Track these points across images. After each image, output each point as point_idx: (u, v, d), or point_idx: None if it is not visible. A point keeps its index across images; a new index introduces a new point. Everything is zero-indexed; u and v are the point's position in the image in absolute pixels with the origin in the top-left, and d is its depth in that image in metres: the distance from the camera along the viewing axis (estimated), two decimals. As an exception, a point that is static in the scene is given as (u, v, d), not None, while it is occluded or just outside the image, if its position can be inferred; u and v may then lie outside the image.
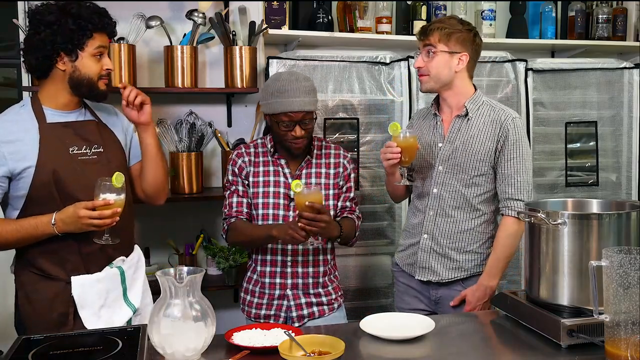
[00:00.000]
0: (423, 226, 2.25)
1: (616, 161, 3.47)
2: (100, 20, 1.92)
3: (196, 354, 1.48)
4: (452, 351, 1.63)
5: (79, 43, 1.88)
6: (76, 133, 1.95)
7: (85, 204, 1.79)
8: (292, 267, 2.22)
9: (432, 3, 3.27)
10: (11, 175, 1.87)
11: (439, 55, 2.14)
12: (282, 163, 2.25)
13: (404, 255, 2.33)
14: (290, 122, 2.12)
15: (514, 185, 2.14)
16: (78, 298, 1.91)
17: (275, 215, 2.21)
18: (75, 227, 1.82)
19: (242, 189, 2.25)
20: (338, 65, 3.02)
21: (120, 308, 2.00)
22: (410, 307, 2.28)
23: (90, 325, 1.91)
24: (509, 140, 2.14)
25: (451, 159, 2.19)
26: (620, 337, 1.35)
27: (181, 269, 1.50)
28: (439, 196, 2.21)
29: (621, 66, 3.40)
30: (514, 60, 3.23)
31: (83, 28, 1.88)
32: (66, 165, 1.89)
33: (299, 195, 1.99)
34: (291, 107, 2.10)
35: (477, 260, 2.22)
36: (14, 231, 1.85)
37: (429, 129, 2.28)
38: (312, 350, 1.50)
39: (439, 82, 2.18)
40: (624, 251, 1.35)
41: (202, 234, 3.07)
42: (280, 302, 2.22)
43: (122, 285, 2.02)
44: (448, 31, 2.13)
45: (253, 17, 3.02)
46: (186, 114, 2.95)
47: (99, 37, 1.92)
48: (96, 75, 1.93)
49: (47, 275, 1.92)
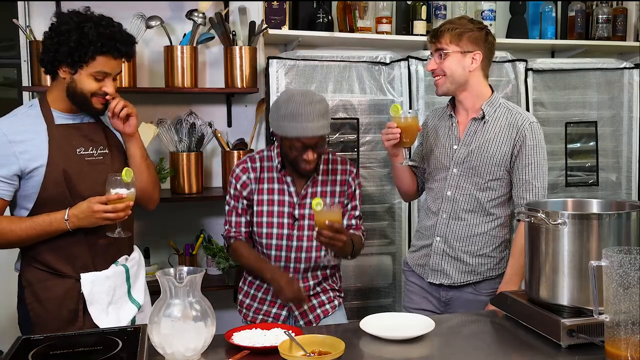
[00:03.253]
0: (436, 229, 2.23)
1: (616, 161, 3.47)
2: (105, 45, 1.88)
3: (196, 354, 1.48)
4: (452, 351, 1.63)
5: (79, 60, 1.88)
6: (83, 134, 1.99)
7: (99, 199, 1.84)
8: (294, 272, 2.22)
9: (432, 3, 3.27)
10: (21, 174, 1.90)
11: (451, 56, 2.10)
12: (288, 181, 2.20)
13: (416, 256, 2.32)
14: (303, 147, 2.06)
15: (532, 191, 2.11)
16: (88, 295, 1.95)
17: (279, 234, 2.19)
18: (89, 221, 1.87)
19: (242, 207, 2.22)
20: (338, 65, 3.02)
21: (126, 305, 2.04)
22: (419, 307, 2.27)
23: (99, 322, 1.96)
24: (526, 145, 2.11)
25: (466, 162, 2.17)
26: (620, 337, 1.35)
27: (181, 269, 1.50)
28: (452, 199, 2.19)
29: (621, 66, 3.40)
30: (514, 60, 3.23)
31: (84, 47, 1.87)
32: (75, 165, 1.94)
33: (320, 214, 1.97)
34: (304, 132, 2.03)
35: (490, 264, 2.20)
36: (28, 228, 1.88)
37: (444, 130, 2.25)
38: (312, 350, 1.50)
39: (455, 82, 2.13)
40: (624, 251, 1.35)
41: (202, 234, 3.07)
42: (279, 312, 2.23)
43: (127, 282, 2.06)
44: (459, 31, 2.09)
45: (253, 17, 3.02)
46: (186, 114, 2.95)
47: (102, 60, 1.90)
48: (90, 92, 1.92)
49: (56, 272, 1.96)
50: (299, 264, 2.21)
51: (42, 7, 2.81)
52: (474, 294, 2.21)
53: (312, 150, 2.07)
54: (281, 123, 2.07)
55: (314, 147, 2.07)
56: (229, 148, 3.00)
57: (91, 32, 1.86)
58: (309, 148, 2.07)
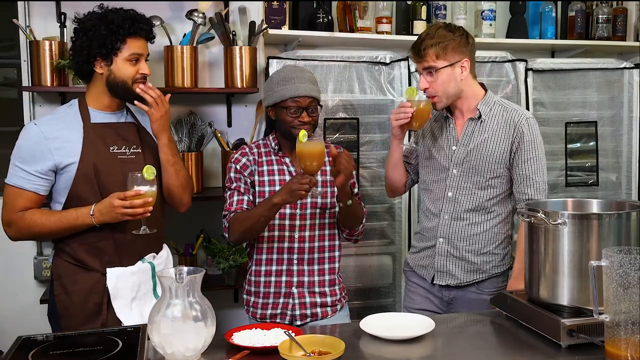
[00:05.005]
0: (438, 230, 2.23)
1: (616, 161, 3.47)
2: (132, 26, 2.01)
3: (196, 354, 1.48)
4: (452, 351, 1.63)
5: (112, 48, 1.99)
6: (117, 133, 2.08)
7: (119, 194, 1.91)
8: (298, 264, 2.21)
9: (432, 3, 3.27)
10: (56, 169, 1.99)
11: (442, 73, 2.10)
12: (287, 161, 2.24)
13: (417, 257, 2.32)
14: (298, 108, 2.13)
15: (533, 186, 2.12)
16: (112, 289, 2.02)
17: (282, 214, 2.19)
18: (110, 217, 1.93)
19: (244, 187, 2.22)
20: (338, 65, 3.02)
21: (150, 302, 2.06)
22: (420, 307, 2.27)
23: (123, 317, 2.03)
24: (525, 141, 2.12)
25: (466, 162, 2.17)
26: (620, 337, 1.35)
27: (181, 269, 1.51)
28: (454, 200, 2.20)
29: (621, 66, 3.40)
30: (514, 60, 3.23)
31: (115, 33, 1.99)
32: (106, 163, 2.02)
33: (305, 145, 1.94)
34: (298, 91, 2.12)
35: (494, 262, 2.22)
36: (57, 221, 1.97)
37: (441, 131, 2.25)
38: (312, 350, 1.50)
39: (450, 96, 2.14)
40: (624, 251, 1.35)
41: (202, 234, 3.07)
42: (286, 301, 2.21)
43: (152, 280, 2.12)
44: (443, 45, 2.08)
45: (253, 17, 3.02)
46: (186, 114, 2.95)
47: (132, 42, 2.03)
48: (130, 78, 2.04)
49: (84, 266, 2.03)
50: (302, 244, 2.21)
51: (42, 7, 2.81)
52: (477, 292, 2.22)
53: (307, 112, 2.14)
54: (275, 89, 2.16)
55: (307, 109, 2.15)
56: (229, 148, 3.00)
57: (116, 18, 1.99)
58: (303, 110, 2.14)
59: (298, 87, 2.13)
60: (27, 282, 2.88)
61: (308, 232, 2.22)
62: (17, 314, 2.88)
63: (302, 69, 2.21)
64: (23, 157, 1.98)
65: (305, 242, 2.22)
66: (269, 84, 2.21)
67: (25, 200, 1.98)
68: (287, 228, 2.20)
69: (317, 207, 2.22)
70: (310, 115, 2.16)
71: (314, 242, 2.23)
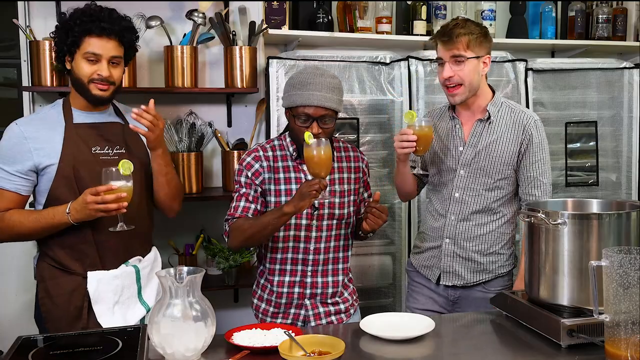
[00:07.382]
0: (444, 230, 2.23)
1: (616, 161, 3.47)
2: (87, 23, 1.94)
3: (196, 354, 1.48)
4: (452, 351, 1.63)
5: (71, 45, 1.96)
6: (99, 134, 2.04)
7: (91, 190, 1.85)
8: (312, 277, 2.13)
9: (432, 3, 3.27)
10: (36, 169, 1.97)
11: (469, 63, 2.07)
12: (305, 169, 2.06)
13: (421, 258, 2.32)
14: (308, 118, 1.96)
15: (540, 188, 2.14)
16: (93, 293, 1.98)
17: (297, 225, 2.09)
18: (84, 214, 1.88)
19: (253, 195, 2.07)
20: (338, 65, 3.02)
21: (135, 306, 2.05)
22: (424, 307, 2.27)
23: (103, 321, 1.98)
24: (533, 142, 2.13)
25: (474, 163, 2.17)
26: (620, 337, 1.35)
27: (181, 269, 1.51)
28: (460, 200, 2.20)
29: (621, 66, 3.40)
30: (514, 60, 3.23)
31: (71, 30, 1.95)
32: (87, 164, 1.98)
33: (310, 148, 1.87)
34: (309, 100, 1.94)
35: (500, 262, 2.23)
36: (35, 220, 1.94)
37: (446, 132, 2.23)
38: (312, 350, 1.50)
39: (472, 90, 2.12)
40: (624, 251, 1.35)
41: (202, 234, 3.07)
42: (298, 312, 2.14)
43: (137, 283, 2.07)
44: (474, 36, 2.06)
45: (253, 17, 3.02)
46: (186, 114, 2.95)
47: (90, 40, 1.95)
48: (86, 77, 1.97)
49: (66, 269, 2.00)
50: (317, 255, 2.12)
51: (42, 7, 2.81)
52: (483, 292, 2.22)
53: (317, 123, 1.96)
54: (289, 92, 2.00)
55: (319, 121, 1.97)
56: (229, 148, 3.00)
57: (76, 15, 1.95)
58: (313, 120, 1.96)
59: (311, 95, 1.94)
60: (27, 282, 2.87)
61: (323, 244, 2.13)
62: (17, 314, 2.88)
63: (323, 73, 1.99)
64: (3, 157, 1.96)
65: (320, 254, 2.13)
66: (287, 84, 2.04)
67: (6, 200, 1.96)
68: (302, 239, 2.11)
69: (334, 218, 2.12)
70: (322, 126, 1.97)
71: (328, 254, 2.15)
